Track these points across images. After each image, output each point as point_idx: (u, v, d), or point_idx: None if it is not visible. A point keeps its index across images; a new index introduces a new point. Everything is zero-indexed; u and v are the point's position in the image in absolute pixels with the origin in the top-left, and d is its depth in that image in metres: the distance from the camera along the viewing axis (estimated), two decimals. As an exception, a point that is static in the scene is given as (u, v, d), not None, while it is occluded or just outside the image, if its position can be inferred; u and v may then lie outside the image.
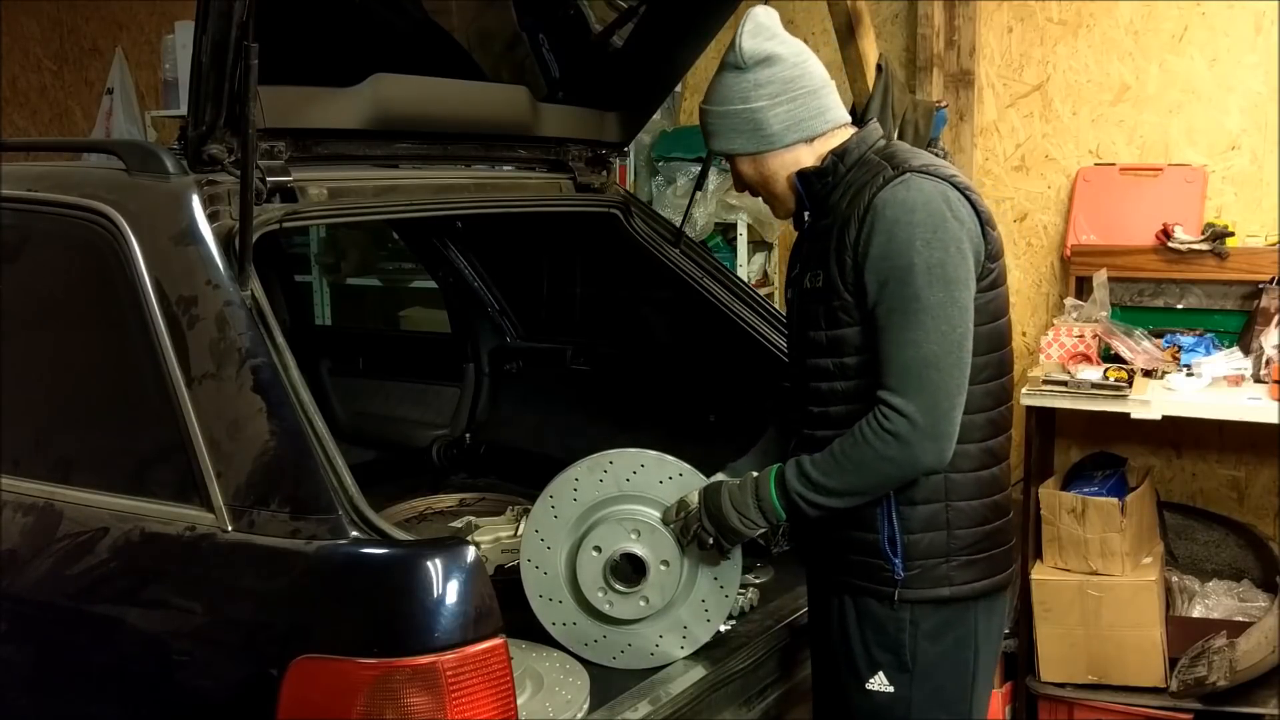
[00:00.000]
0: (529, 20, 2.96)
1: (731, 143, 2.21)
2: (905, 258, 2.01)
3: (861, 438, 2.05)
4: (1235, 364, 3.44)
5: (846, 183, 2.14)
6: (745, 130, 2.18)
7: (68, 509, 2.04)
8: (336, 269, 5.10)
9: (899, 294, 2.02)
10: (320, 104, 2.35)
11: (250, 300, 1.94)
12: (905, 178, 2.06)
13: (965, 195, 2.10)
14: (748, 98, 2.16)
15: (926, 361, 2.02)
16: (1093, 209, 3.89)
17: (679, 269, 3.01)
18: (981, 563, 2.18)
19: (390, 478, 3.42)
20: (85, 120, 5.96)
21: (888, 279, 2.03)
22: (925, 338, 2.02)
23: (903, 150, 2.18)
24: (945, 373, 2.03)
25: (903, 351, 2.02)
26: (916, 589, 2.14)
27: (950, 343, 2.03)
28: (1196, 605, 3.66)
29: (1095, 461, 3.80)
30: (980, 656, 2.23)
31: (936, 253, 2.02)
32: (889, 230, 2.03)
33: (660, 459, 2.32)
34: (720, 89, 2.20)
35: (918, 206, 2.03)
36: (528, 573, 2.35)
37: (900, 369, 2.03)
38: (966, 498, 2.15)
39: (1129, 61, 3.88)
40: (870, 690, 2.19)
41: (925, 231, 2.02)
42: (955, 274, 2.03)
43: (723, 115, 2.19)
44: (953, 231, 2.04)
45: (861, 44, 3.71)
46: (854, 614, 2.20)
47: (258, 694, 1.76)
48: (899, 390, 2.02)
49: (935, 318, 2.02)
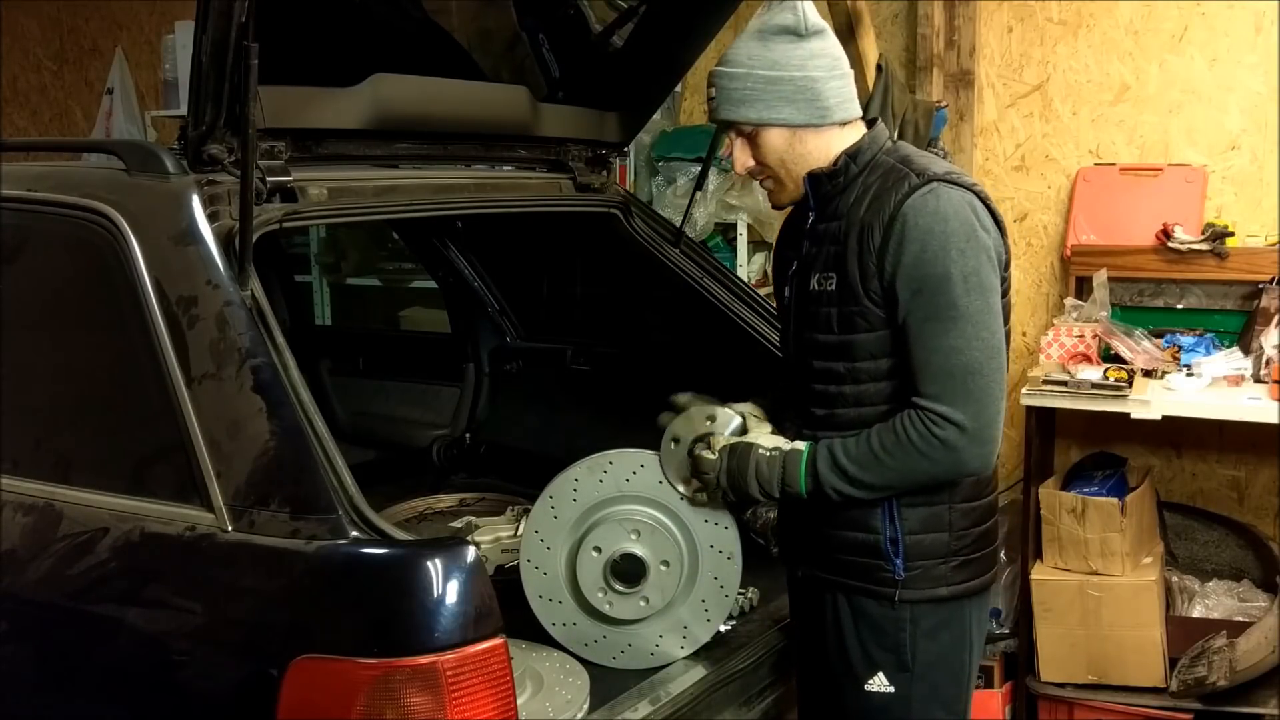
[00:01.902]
0: (529, 20, 2.96)
1: (778, 111, 2.11)
2: (941, 266, 2.00)
3: (908, 440, 2.04)
4: (1235, 364, 3.44)
5: (860, 185, 2.12)
6: (799, 100, 2.10)
7: (68, 509, 2.04)
8: (336, 269, 5.10)
9: (935, 302, 2.01)
10: (320, 104, 2.35)
11: (250, 300, 1.94)
12: (933, 187, 2.04)
13: (986, 205, 2.10)
14: (805, 65, 2.09)
15: (970, 368, 2.02)
16: (1093, 209, 3.89)
17: (679, 269, 3.01)
18: (976, 561, 2.20)
19: (390, 478, 3.42)
20: (85, 120, 5.96)
21: (922, 287, 2.01)
22: (967, 345, 2.02)
23: (916, 155, 2.16)
24: (990, 378, 2.04)
25: (945, 359, 2.02)
26: (916, 589, 2.14)
27: (991, 349, 2.04)
28: (1196, 605, 3.66)
29: (1095, 461, 3.81)
30: (974, 653, 2.25)
31: (971, 261, 2.01)
32: (922, 239, 2.01)
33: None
34: (767, 53, 2.09)
35: (950, 216, 2.02)
36: (528, 573, 2.35)
37: (943, 376, 2.02)
38: (967, 499, 2.16)
39: (1129, 61, 3.89)
40: (869, 691, 2.19)
41: (959, 240, 2.01)
42: (989, 281, 2.04)
43: (773, 81, 2.09)
44: (983, 240, 2.04)
45: (861, 44, 3.71)
46: (850, 615, 2.19)
47: (258, 694, 1.75)
48: (943, 398, 2.02)
49: (975, 325, 2.02)
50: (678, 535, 2.32)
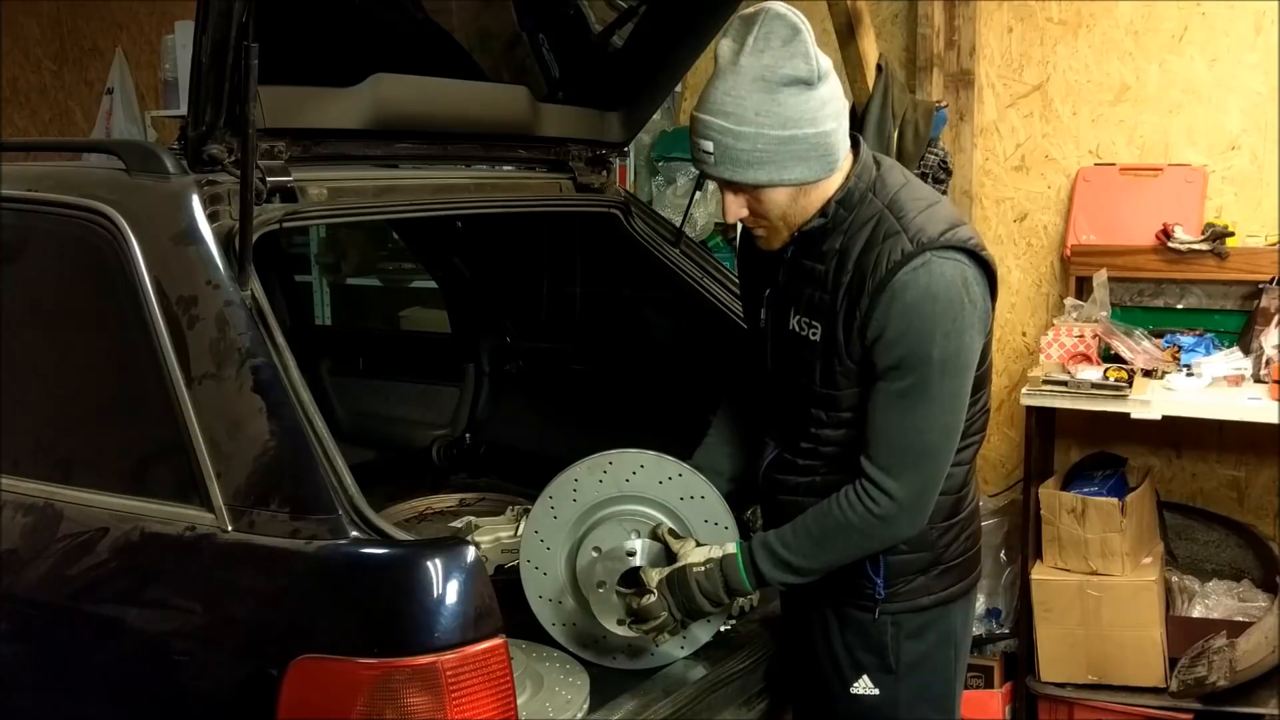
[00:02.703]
0: (529, 20, 2.96)
1: (790, 172, 1.95)
2: (924, 349, 1.96)
3: (843, 516, 2.04)
4: (1235, 364, 3.44)
5: (847, 228, 2.04)
6: (812, 157, 1.95)
7: (68, 509, 2.04)
8: (336, 269, 5.10)
9: (910, 381, 1.98)
10: (320, 104, 2.35)
11: (250, 300, 1.94)
12: (926, 260, 1.95)
13: (979, 264, 2.02)
14: (817, 119, 1.93)
15: (925, 449, 2.02)
16: (1093, 209, 3.89)
17: (679, 269, 3.01)
18: (958, 567, 2.22)
19: (390, 478, 3.41)
20: (85, 120, 5.96)
21: (900, 365, 1.98)
22: (929, 426, 2.01)
23: (908, 201, 2.03)
24: (941, 459, 2.05)
25: (903, 436, 2.01)
26: (898, 602, 2.17)
27: (950, 430, 2.04)
28: (1196, 605, 3.66)
29: (1095, 461, 3.80)
30: (960, 651, 2.26)
31: (953, 344, 1.98)
32: (907, 316, 1.95)
33: (660, 459, 2.32)
34: (778, 109, 1.90)
35: (939, 295, 1.95)
36: (527, 573, 2.35)
37: (898, 451, 2.01)
38: (947, 517, 2.17)
39: (1129, 61, 3.88)
40: (856, 694, 2.21)
41: (946, 322, 1.96)
42: (968, 361, 2.02)
43: (787, 141, 1.92)
44: (969, 317, 1.99)
45: (861, 44, 3.71)
46: (835, 621, 2.22)
47: (258, 694, 1.76)
48: (890, 471, 2.01)
49: (942, 409, 2.01)
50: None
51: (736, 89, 1.92)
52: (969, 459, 2.18)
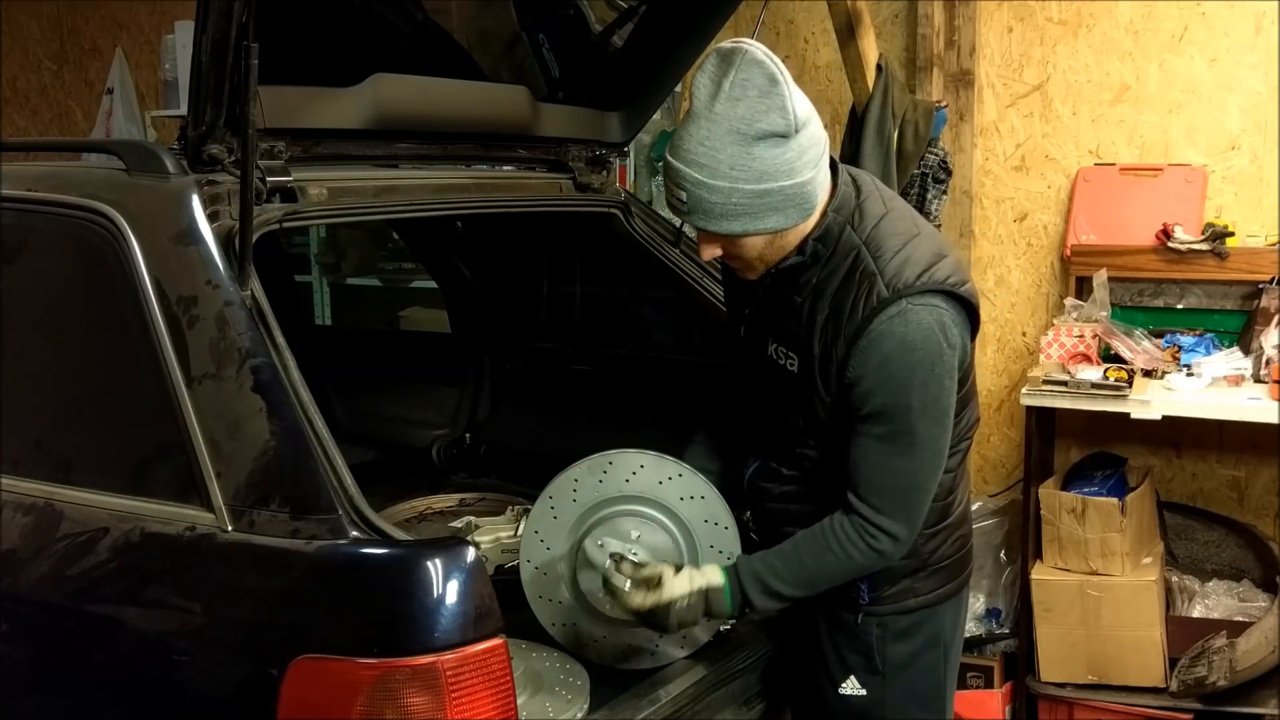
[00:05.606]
0: (529, 20, 2.96)
1: (764, 222, 1.91)
2: (903, 397, 1.97)
3: (844, 553, 2.05)
4: (1235, 364, 3.44)
5: (824, 264, 2.02)
6: (788, 207, 1.91)
7: (68, 509, 2.04)
8: (336, 269, 5.10)
9: (892, 427, 1.99)
10: (320, 104, 2.35)
11: (250, 300, 1.94)
12: (903, 309, 1.93)
13: (959, 302, 2.00)
14: (793, 169, 1.88)
15: (914, 487, 2.05)
16: (1093, 209, 3.89)
17: (679, 269, 3.01)
18: (946, 569, 2.23)
19: (390, 478, 3.41)
20: (85, 120, 5.96)
21: (880, 412, 1.98)
22: (918, 467, 2.04)
23: (886, 238, 1.99)
24: (929, 491, 2.08)
25: (893, 479, 2.03)
26: (884, 605, 2.19)
27: (936, 466, 2.06)
28: (1196, 605, 3.66)
29: (1095, 461, 3.80)
30: (950, 652, 2.27)
31: (932, 390, 1.98)
32: (884, 364, 1.95)
33: (660, 459, 2.32)
34: (753, 164, 1.85)
35: (917, 344, 1.94)
36: (527, 573, 2.35)
37: (888, 493, 2.03)
38: (935, 523, 2.18)
39: (1129, 61, 3.88)
40: (845, 695, 2.22)
41: (923, 371, 1.96)
42: (947, 404, 2.03)
43: (762, 194, 1.87)
44: (947, 362, 1.98)
45: (861, 44, 3.71)
46: (824, 623, 2.24)
47: (257, 694, 1.75)
48: (884, 510, 2.03)
49: (927, 449, 2.03)
50: (677, 535, 2.31)
51: (711, 139, 1.86)
52: (956, 465, 2.19)
